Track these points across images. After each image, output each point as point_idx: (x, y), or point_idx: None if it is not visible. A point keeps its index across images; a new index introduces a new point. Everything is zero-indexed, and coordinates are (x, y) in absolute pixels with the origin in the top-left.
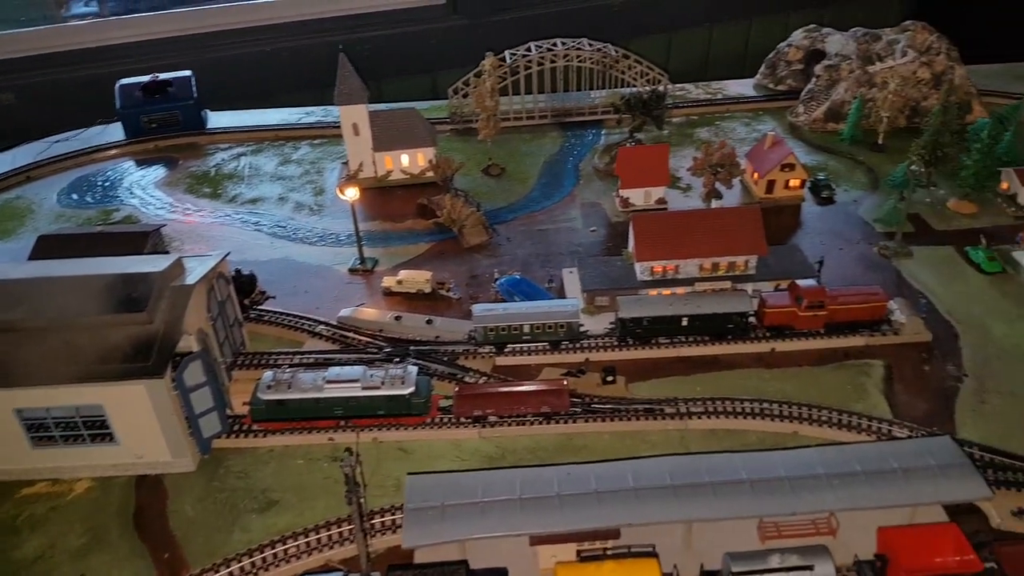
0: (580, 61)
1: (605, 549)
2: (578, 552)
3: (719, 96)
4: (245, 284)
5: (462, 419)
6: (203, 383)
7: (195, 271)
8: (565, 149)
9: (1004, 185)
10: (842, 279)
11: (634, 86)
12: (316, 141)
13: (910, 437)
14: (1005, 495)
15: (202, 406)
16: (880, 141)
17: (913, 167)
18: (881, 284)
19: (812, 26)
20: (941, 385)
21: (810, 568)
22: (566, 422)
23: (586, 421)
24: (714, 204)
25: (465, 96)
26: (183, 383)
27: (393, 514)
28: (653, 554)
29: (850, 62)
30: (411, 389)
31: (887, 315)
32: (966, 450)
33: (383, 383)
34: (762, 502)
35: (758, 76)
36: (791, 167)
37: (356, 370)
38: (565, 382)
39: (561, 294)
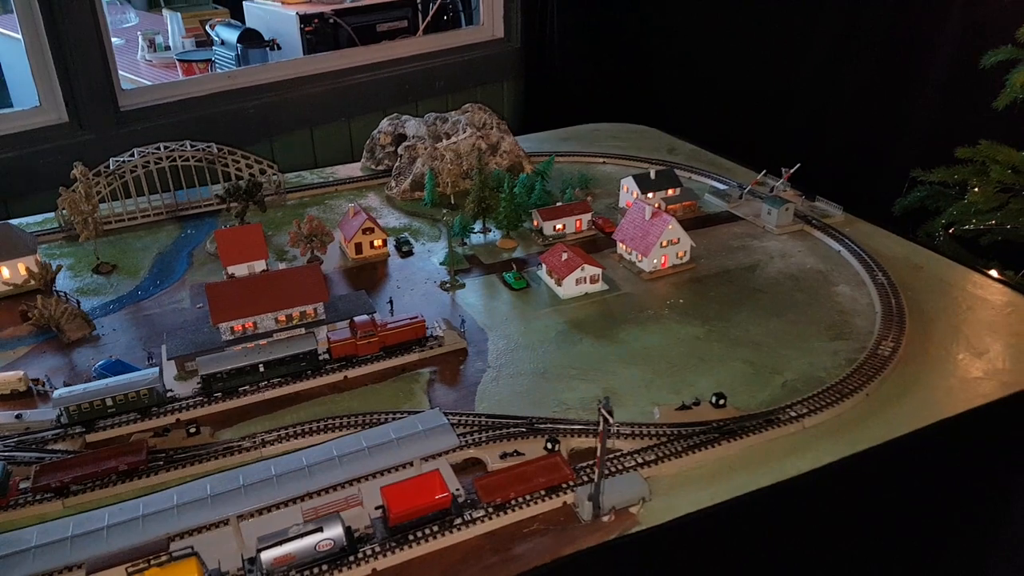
0: (184, 160)
1: (149, 561)
2: (127, 571)
3: (330, 179)
4: None
5: (45, 494)
6: None
7: None
8: (181, 240)
9: (536, 223)
10: (412, 312)
11: (242, 177)
12: None
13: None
14: (498, 446)
15: None
16: (452, 202)
17: (444, 218)
18: (440, 311)
19: (394, 115)
20: (471, 378)
21: (320, 530)
22: (148, 476)
23: (167, 471)
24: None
25: None
26: None
27: None
28: (193, 554)
29: (424, 141)
30: None
31: (428, 333)
32: (459, 414)
33: None
34: (284, 490)
35: (362, 160)
36: (371, 230)
37: None
38: (146, 441)
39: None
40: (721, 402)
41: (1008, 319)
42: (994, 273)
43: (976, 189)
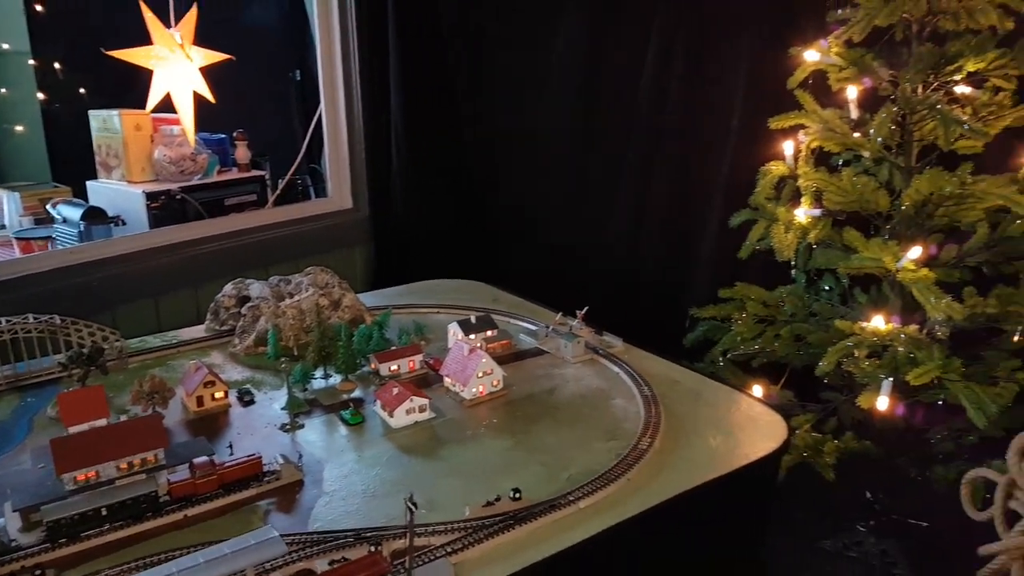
0: (27, 333)
1: None
2: None
3: (174, 341)
4: None
5: None
6: None
7: None
8: (20, 408)
9: (373, 366)
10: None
11: (84, 345)
12: None
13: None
14: (327, 555)
15: None
16: (295, 354)
17: (283, 367)
18: (280, 450)
19: (239, 279)
20: (306, 504)
21: None
22: None
23: None
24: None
25: None
26: None
27: None
28: None
29: (268, 301)
30: None
31: (266, 468)
32: (293, 534)
33: None
34: None
35: (207, 322)
36: (212, 383)
37: None
38: None
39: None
40: (517, 496)
41: (734, 415)
42: (758, 388)
43: (739, 322)
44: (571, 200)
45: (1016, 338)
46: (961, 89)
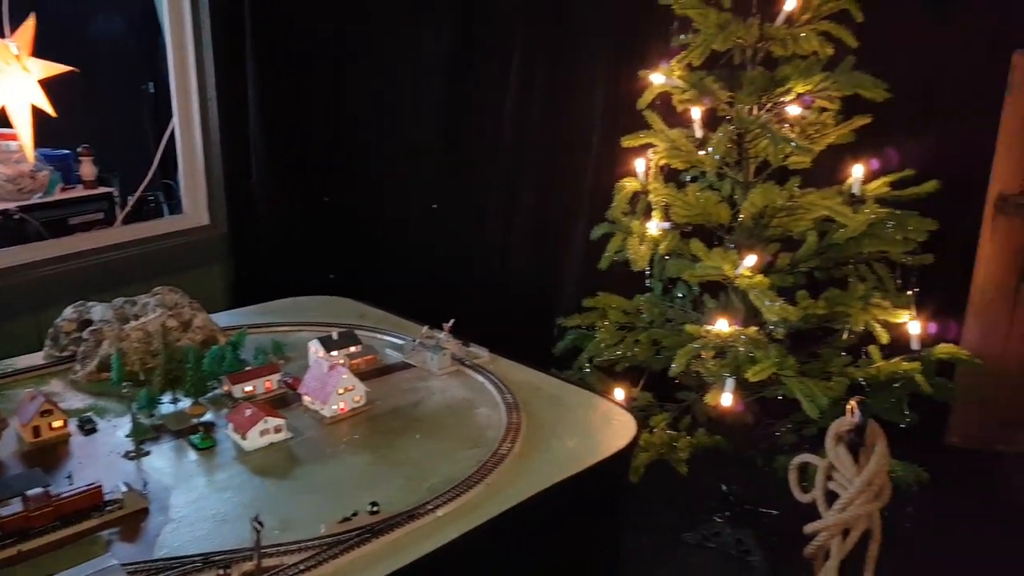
0: None
1: None
2: None
3: (9, 370)
4: None
5: None
6: None
7: None
8: None
9: (226, 388)
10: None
11: None
12: None
13: None
14: None
15: None
16: (142, 378)
17: (125, 390)
18: (126, 478)
19: (80, 302)
20: (152, 532)
21: None
22: None
23: None
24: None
25: None
26: None
27: None
28: None
29: (111, 324)
30: None
31: (107, 497)
32: (136, 563)
33: None
34: None
35: (45, 348)
36: (50, 412)
37: None
38: None
39: None
40: (375, 509)
41: (590, 417)
42: (620, 391)
43: (602, 329)
44: (440, 214)
45: (845, 336)
46: (791, 109)
